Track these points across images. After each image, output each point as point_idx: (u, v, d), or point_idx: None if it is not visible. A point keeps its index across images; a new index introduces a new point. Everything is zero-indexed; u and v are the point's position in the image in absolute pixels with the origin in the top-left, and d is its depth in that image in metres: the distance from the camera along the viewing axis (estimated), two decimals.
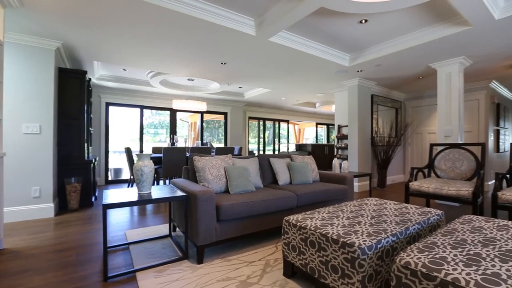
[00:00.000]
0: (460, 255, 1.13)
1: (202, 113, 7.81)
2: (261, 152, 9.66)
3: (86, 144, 3.90)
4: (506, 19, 2.74)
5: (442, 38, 3.22)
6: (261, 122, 9.58)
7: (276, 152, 10.05)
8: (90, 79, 4.43)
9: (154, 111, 7.18)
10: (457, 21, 3.01)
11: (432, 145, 3.54)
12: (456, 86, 3.96)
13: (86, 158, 3.84)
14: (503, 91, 5.94)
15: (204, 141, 7.97)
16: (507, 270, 1.00)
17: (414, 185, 2.97)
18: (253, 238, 2.53)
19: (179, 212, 2.31)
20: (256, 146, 9.61)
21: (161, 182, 5.94)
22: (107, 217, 1.88)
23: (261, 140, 9.64)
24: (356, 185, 5.14)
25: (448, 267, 1.02)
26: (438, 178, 3.23)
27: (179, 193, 2.11)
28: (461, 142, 3.86)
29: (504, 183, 3.12)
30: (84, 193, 3.77)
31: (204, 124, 8.18)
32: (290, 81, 5.45)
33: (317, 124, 11.38)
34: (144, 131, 6.76)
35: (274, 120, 9.91)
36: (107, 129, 6.14)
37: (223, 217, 2.05)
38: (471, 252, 1.16)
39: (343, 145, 5.77)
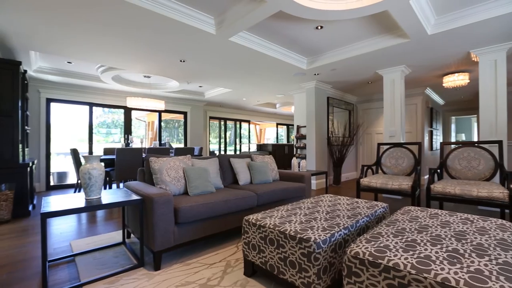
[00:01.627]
0: (400, 242, 1.26)
1: (160, 112, 7.45)
2: (222, 153, 9.57)
3: (20, 145, 3.43)
4: (436, 34, 3.14)
5: (386, 48, 3.56)
6: (222, 122, 9.51)
7: (238, 152, 10.06)
8: (25, 71, 3.92)
9: (106, 109, 6.63)
10: (399, 34, 3.35)
11: (379, 144, 3.89)
12: (399, 91, 4.41)
13: (20, 161, 3.38)
14: (435, 97, 6.81)
15: (162, 142, 7.62)
16: (436, 252, 1.14)
17: (365, 181, 3.23)
18: (214, 239, 2.49)
19: (134, 217, 2.17)
20: (217, 146, 9.50)
21: (114, 186, 5.51)
22: (47, 227, 1.68)
23: (223, 140, 9.56)
24: (314, 182, 5.40)
25: (390, 254, 1.13)
26: (385, 174, 3.56)
27: (134, 196, 1.98)
28: (402, 141, 4.32)
29: (436, 177, 3.61)
30: (18, 201, 3.31)
31: (162, 124, 7.82)
32: (250, 82, 5.51)
33: (277, 124, 11.69)
34: (95, 130, 6.20)
35: (235, 120, 9.91)
36: (48, 129, 5.47)
37: (181, 220, 1.98)
38: (409, 239, 1.30)
39: (301, 145, 6.02)
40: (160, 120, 7.52)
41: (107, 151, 5.14)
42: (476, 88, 6.00)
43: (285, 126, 12.14)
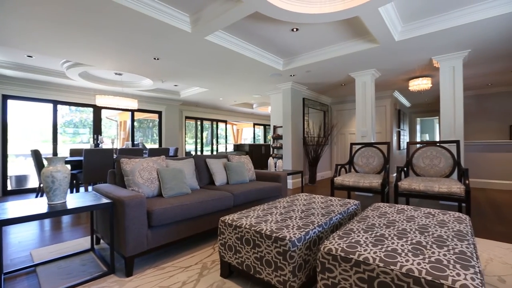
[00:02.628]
0: (370, 237, 1.32)
1: (133, 111, 7.15)
2: (199, 153, 9.41)
3: None
4: (403, 41, 3.34)
5: (358, 52, 3.72)
6: (199, 122, 9.35)
7: (215, 153, 9.95)
8: None
9: (73, 107, 6.23)
10: (369, 39, 3.52)
11: (351, 144, 4.06)
12: (370, 93, 4.63)
13: None
14: (402, 99, 7.25)
15: (135, 142, 7.32)
16: (402, 245, 1.22)
17: (338, 180, 3.35)
18: (189, 241, 2.44)
19: (104, 221, 2.06)
20: (193, 146, 9.33)
21: (82, 189, 5.20)
22: (4, 236, 1.53)
23: (199, 140, 9.40)
24: (290, 182, 5.50)
25: (360, 249, 1.18)
26: (357, 173, 3.72)
27: (104, 200, 1.88)
28: (373, 141, 4.54)
29: (403, 175, 3.85)
30: None
31: (135, 124, 7.51)
32: (227, 82, 5.47)
33: (254, 124, 11.74)
34: (60, 130, 5.80)
35: (212, 120, 9.79)
36: (4, 128, 5.02)
37: (155, 223, 1.91)
38: (378, 234, 1.37)
39: (278, 145, 6.10)
40: (133, 120, 7.22)
41: (74, 152, 4.83)
42: (438, 92, 6.48)
43: (262, 126, 12.23)
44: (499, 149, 5.11)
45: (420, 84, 5.04)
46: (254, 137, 11.96)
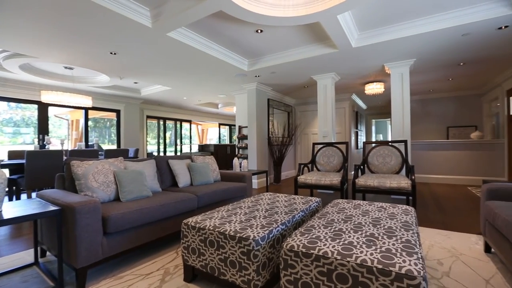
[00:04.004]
0: (330, 232, 1.39)
1: (86, 109, 6.59)
2: (162, 154, 9.02)
3: None
4: (359, 48, 3.59)
5: (319, 56, 3.89)
6: (162, 122, 8.96)
7: (179, 154, 9.63)
8: None
9: (13, 103, 5.53)
10: (329, 44, 3.71)
11: (314, 144, 4.24)
12: (330, 96, 4.89)
13: None
14: (360, 102, 7.78)
15: (90, 143, 6.75)
16: (357, 238, 1.30)
17: (301, 178, 3.47)
18: (151, 247, 2.32)
19: (50, 231, 1.86)
20: (156, 147, 8.91)
21: (24, 196, 4.64)
22: None
23: (162, 141, 9.01)
24: (255, 182, 5.55)
25: (320, 244, 1.24)
26: (319, 171, 3.89)
27: (50, 207, 1.69)
28: (333, 141, 4.79)
29: (360, 172, 4.14)
30: None
31: (90, 123, 6.94)
32: (191, 81, 5.34)
33: (220, 124, 11.62)
34: None
35: (175, 120, 9.46)
36: None
37: (112, 229, 1.78)
38: (337, 229, 1.45)
39: (243, 145, 6.12)
40: (86, 119, 6.65)
41: (13, 154, 4.28)
42: (390, 96, 7.09)
43: (228, 127, 12.17)
44: (439, 147, 5.77)
45: (374, 88, 5.46)
46: (219, 137, 11.83)
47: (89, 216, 1.68)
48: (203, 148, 8.63)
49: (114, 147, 7.45)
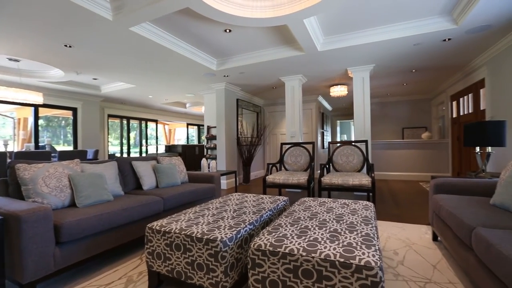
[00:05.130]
0: (296, 230, 1.43)
1: (36, 106, 5.97)
2: (125, 155, 8.52)
3: None
4: (324, 51, 3.74)
5: (287, 58, 3.99)
6: (125, 121, 8.47)
7: (144, 155, 9.18)
8: None
9: None
10: (296, 47, 3.82)
11: (282, 144, 4.33)
12: (298, 97, 5.03)
13: None
14: (325, 103, 8.13)
15: (41, 144, 6.14)
16: (322, 234, 1.36)
17: (270, 178, 3.52)
18: (112, 254, 2.18)
19: None
20: (119, 148, 8.39)
21: None
22: None
23: (126, 141, 8.52)
24: (224, 182, 5.51)
25: (287, 241, 1.27)
26: (286, 171, 3.98)
27: None
28: (301, 141, 4.94)
29: (325, 171, 4.34)
30: None
31: (41, 122, 6.30)
32: (157, 78, 5.12)
33: (188, 124, 11.33)
34: None
35: (140, 120, 9.01)
36: None
37: (66, 238, 1.64)
38: (303, 226, 1.49)
39: (212, 145, 6.03)
40: (36, 117, 6.03)
41: None
42: (353, 98, 7.51)
43: (196, 127, 11.90)
44: (395, 147, 6.26)
45: (339, 91, 5.74)
46: (187, 138, 11.53)
47: (38, 225, 1.52)
48: (170, 149, 8.33)
49: (71, 148, 6.86)
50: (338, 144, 4.02)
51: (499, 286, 1.15)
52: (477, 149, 2.84)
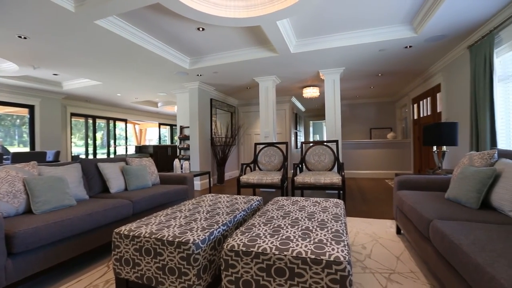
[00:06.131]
0: (269, 229, 1.45)
1: None
2: (91, 157, 8.00)
3: None
4: (297, 53, 3.83)
5: (261, 59, 4.02)
6: (90, 121, 7.96)
7: (112, 156, 8.70)
8: None
9: None
10: (270, 48, 3.86)
11: (256, 144, 4.35)
12: (271, 98, 5.09)
13: None
14: (299, 104, 8.32)
15: None
16: (294, 232, 1.39)
17: (243, 178, 3.52)
18: (76, 263, 2.03)
19: None
20: (83, 149, 7.86)
21: None
22: None
23: (91, 142, 8.00)
24: (198, 183, 5.41)
25: (260, 241, 1.28)
26: (260, 171, 4.01)
27: None
28: (274, 141, 5.01)
29: (298, 170, 4.45)
30: None
31: None
32: (126, 76, 4.88)
33: (160, 124, 10.95)
34: None
35: (108, 119, 8.52)
36: None
37: (20, 249, 1.49)
38: (276, 225, 1.51)
39: (185, 146, 5.89)
40: None
41: None
42: (324, 100, 7.78)
43: (169, 127, 11.54)
44: (363, 146, 6.60)
45: (311, 92, 5.91)
46: (159, 138, 11.13)
47: None
48: (140, 150, 7.98)
49: (27, 149, 6.29)
50: (311, 144, 4.14)
51: (452, 273, 1.26)
52: (434, 148, 3.09)
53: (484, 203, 1.70)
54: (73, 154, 7.43)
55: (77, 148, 7.79)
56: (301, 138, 9.01)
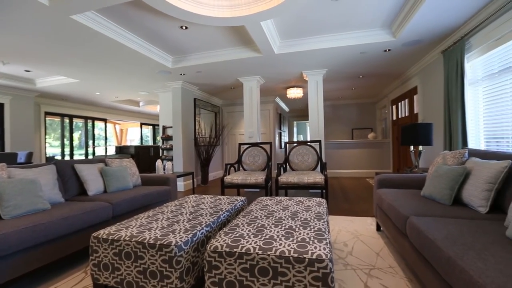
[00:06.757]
0: (253, 229, 1.45)
1: None
2: (67, 158, 7.65)
3: None
4: (280, 54, 3.86)
5: (245, 59, 4.01)
6: (67, 120, 7.61)
7: (91, 157, 8.36)
8: None
9: None
10: (254, 48, 3.87)
11: (240, 144, 4.34)
12: (255, 98, 5.10)
13: None
14: (283, 105, 8.39)
15: None
16: (277, 232, 1.40)
17: (228, 178, 3.50)
18: (51, 269, 1.93)
19: None
20: (59, 150, 7.50)
21: None
22: None
23: (68, 142, 7.65)
24: (182, 184, 5.32)
25: (243, 241, 1.28)
26: (245, 171, 4.01)
27: None
28: (259, 141, 5.02)
29: (282, 170, 4.51)
30: None
31: None
32: (106, 74, 4.71)
33: (142, 124, 10.66)
34: None
35: (86, 118, 8.18)
36: None
37: None
38: (259, 225, 1.52)
39: (168, 146, 5.77)
40: None
41: None
42: (308, 101, 7.90)
43: (151, 127, 11.26)
44: (346, 146, 6.77)
45: (295, 93, 5.98)
46: (141, 138, 10.84)
47: None
48: (121, 150, 7.73)
49: None
50: (295, 144, 4.19)
51: (428, 266, 1.32)
52: (411, 147, 3.23)
53: (456, 200, 1.80)
54: (47, 155, 7.06)
55: (53, 149, 7.42)
56: (285, 138, 9.10)
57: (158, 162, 3.82)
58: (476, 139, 2.99)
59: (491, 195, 1.56)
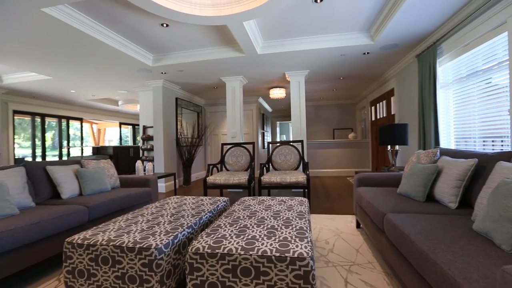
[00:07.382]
0: (235, 230, 1.44)
1: None
2: (39, 160, 7.22)
3: None
4: (263, 55, 3.88)
5: (227, 58, 3.99)
6: (39, 119, 7.18)
7: (65, 158, 7.95)
8: None
9: None
10: (237, 48, 3.86)
11: (223, 145, 4.31)
12: (238, 98, 5.09)
13: None
14: (266, 105, 8.43)
15: None
16: (260, 231, 1.40)
17: (210, 179, 3.46)
18: (21, 278, 1.82)
19: None
20: (30, 151, 7.06)
21: None
22: None
23: (40, 143, 7.22)
24: (163, 185, 5.20)
25: (226, 242, 1.27)
26: (227, 171, 3.98)
27: None
28: (241, 141, 5.01)
29: (265, 170, 4.53)
30: None
31: None
32: (81, 71, 4.50)
33: (121, 124, 10.29)
34: None
35: (60, 117, 7.77)
36: None
37: None
38: (242, 225, 1.51)
39: (149, 146, 5.62)
40: None
41: None
42: (290, 101, 7.99)
43: (131, 126, 10.91)
44: (327, 146, 6.92)
45: (277, 93, 6.03)
46: (120, 138, 10.46)
47: None
48: (98, 151, 7.42)
49: None
50: (277, 144, 4.22)
51: (403, 261, 1.38)
52: (389, 147, 3.36)
53: (429, 196, 1.90)
54: (16, 157, 6.63)
55: (22, 150, 6.97)
56: (268, 138, 9.15)
57: (138, 163, 3.71)
58: (448, 139, 3.17)
59: (460, 192, 1.66)
